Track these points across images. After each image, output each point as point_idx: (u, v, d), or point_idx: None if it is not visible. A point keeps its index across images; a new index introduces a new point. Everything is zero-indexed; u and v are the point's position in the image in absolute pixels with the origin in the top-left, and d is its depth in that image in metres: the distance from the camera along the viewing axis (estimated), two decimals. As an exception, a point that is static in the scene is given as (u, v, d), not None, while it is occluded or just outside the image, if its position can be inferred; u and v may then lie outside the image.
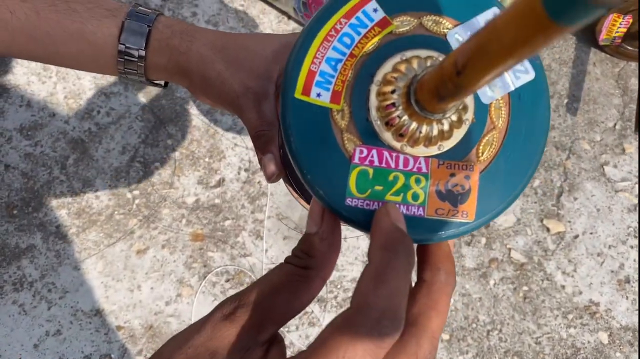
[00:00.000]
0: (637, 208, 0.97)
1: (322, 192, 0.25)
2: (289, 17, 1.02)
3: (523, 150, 0.27)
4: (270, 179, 0.41)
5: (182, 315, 0.86)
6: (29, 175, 0.89)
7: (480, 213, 0.27)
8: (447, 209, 0.26)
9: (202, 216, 0.90)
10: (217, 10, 1.01)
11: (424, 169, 0.26)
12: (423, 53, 0.26)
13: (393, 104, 0.25)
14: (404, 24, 0.27)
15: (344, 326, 0.21)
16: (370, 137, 0.26)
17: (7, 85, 0.93)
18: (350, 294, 0.88)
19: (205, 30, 0.44)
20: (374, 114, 0.26)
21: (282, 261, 0.26)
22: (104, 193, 0.90)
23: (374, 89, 0.26)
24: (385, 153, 0.26)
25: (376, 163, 0.26)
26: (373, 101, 0.26)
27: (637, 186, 0.98)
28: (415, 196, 0.26)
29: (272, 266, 0.83)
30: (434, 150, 0.26)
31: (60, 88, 0.94)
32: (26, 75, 0.94)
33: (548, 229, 0.94)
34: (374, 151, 0.26)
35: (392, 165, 0.26)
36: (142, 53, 0.42)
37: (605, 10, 0.12)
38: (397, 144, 0.26)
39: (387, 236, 0.23)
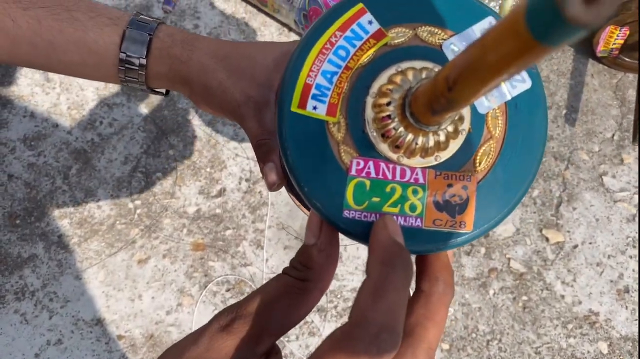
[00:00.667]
0: (636, 218, 0.97)
1: (320, 205, 0.26)
2: (290, 29, 1.03)
3: (521, 159, 0.27)
4: (272, 188, 0.41)
5: (182, 324, 0.86)
6: (32, 185, 0.90)
7: (478, 223, 0.27)
8: (445, 220, 0.26)
9: (203, 225, 0.90)
10: (218, 22, 1.02)
11: (421, 180, 0.26)
12: (418, 64, 0.26)
13: (389, 116, 0.25)
14: (399, 35, 0.27)
15: (343, 340, 0.21)
16: (366, 149, 0.26)
17: (11, 96, 0.94)
18: (350, 303, 0.88)
19: (206, 39, 0.44)
20: (370, 126, 0.26)
21: (282, 271, 0.26)
22: (105, 203, 0.90)
23: (369, 101, 0.26)
24: (382, 165, 0.26)
25: (373, 175, 0.26)
26: (369, 113, 0.26)
27: (635, 196, 0.99)
28: (412, 207, 0.26)
29: (273, 276, 0.83)
30: (430, 161, 0.26)
31: (64, 99, 0.95)
32: (30, 87, 0.95)
33: (547, 239, 0.95)
34: (370, 163, 0.26)
35: (389, 176, 0.26)
36: (143, 61, 0.42)
37: (587, 31, 0.13)
38: (393, 156, 0.26)
39: (385, 250, 0.23)
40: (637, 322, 0.91)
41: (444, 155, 0.26)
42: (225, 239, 0.90)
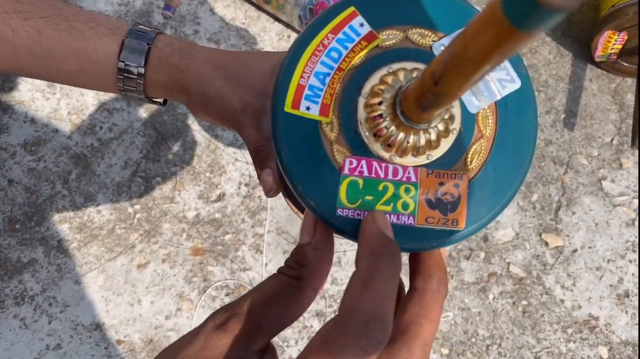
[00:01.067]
0: (636, 222, 0.97)
1: (313, 203, 0.26)
2: (291, 31, 1.03)
3: (511, 158, 0.28)
4: (269, 193, 0.42)
5: (181, 329, 0.86)
6: (32, 190, 0.90)
7: (470, 221, 0.27)
8: (437, 218, 0.26)
9: (203, 230, 0.91)
10: (218, 28, 1.03)
11: (413, 179, 0.26)
12: (409, 65, 0.27)
13: (380, 115, 0.25)
14: (390, 37, 0.27)
15: (333, 331, 0.21)
16: (359, 148, 0.26)
17: (12, 102, 0.94)
18: (349, 308, 0.88)
19: (205, 48, 0.45)
20: (362, 125, 0.26)
21: (277, 270, 0.26)
22: (105, 208, 0.90)
23: (361, 101, 0.26)
24: (375, 163, 0.26)
25: (366, 173, 0.26)
26: (361, 113, 0.26)
27: (635, 200, 0.99)
28: (405, 205, 0.26)
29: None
30: (422, 159, 0.26)
31: (64, 104, 0.95)
32: (30, 92, 0.95)
33: (547, 244, 0.95)
34: (363, 162, 0.26)
35: (382, 175, 0.26)
36: (142, 70, 0.43)
37: (564, 14, 0.13)
38: (385, 155, 0.26)
39: (373, 242, 0.24)
40: (637, 327, 0.91)
41: (436, 154, 0.27)
42: (225, 243, 0.90)
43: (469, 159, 0.27)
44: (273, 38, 1.04)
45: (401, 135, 0.25)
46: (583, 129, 1.03)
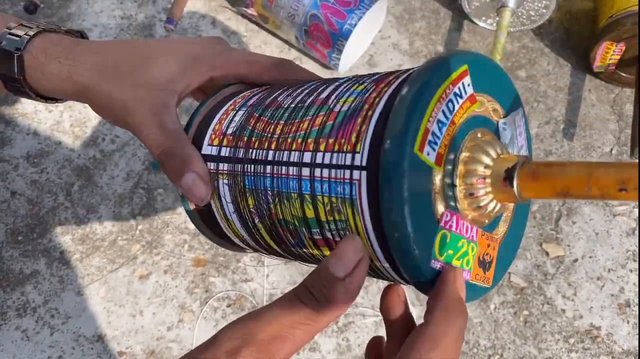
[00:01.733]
0: (636, 232, 0.97)
1: (414, 249, 0.25)
2: (290, 46, 1.04)
3: (519, 225, 0.33)
4: (201, 201, 0.36)
5: (183, 340, 0.86)
6: (35, 202, 0.91)
7: (495, 279, 0.31)
8: (480, 276, 0.29)
9: (204, 241, 0.91)
10: (220, 40, 1.03)
11: (474, 238, 0.28)
12: (490, 136, 0.29)
13: (483, 179, 0.27)
14: (482, 104, 0.29)
15: None
16: (452, 202, 0.27)
17: (15, 114, 0.95)
18: (351, 319, 0.88)
19: (91, 47, 0.40)
20: (459, 181, 0.27)
21: (284, 286, 0.26)
22: (107, 219, 0.91)
23: (462, 158, 0.27)
24: (462, 220, 0.27)
25: (454, 229, 0.27)
26: (461, 169, 0.27)
27: (635, 210, 0.99)
28: (467, 262, 0.28)
29: (273, 291, 0.83)
30: (484, 222, 0.29)
31: (67, 116, 0.96)
32: (33, 104, 0.96)
33: (547, 253, 0.95)
34: (455, 217, 0.27)
35: (464, 233, 0.27)
36: (20, 78, 0.39)
37: None
38: (467, 213, 0.28)
39: (450, 302, 0.24)
40: (638, 336, 0.91)
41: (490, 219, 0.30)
42: (226, 254, 0.90)
43: (500, 226, 0.31)
44: (274, 50, 1.04)
45: (495, 205, 0.28)
46: (582, 139, 1.04)
